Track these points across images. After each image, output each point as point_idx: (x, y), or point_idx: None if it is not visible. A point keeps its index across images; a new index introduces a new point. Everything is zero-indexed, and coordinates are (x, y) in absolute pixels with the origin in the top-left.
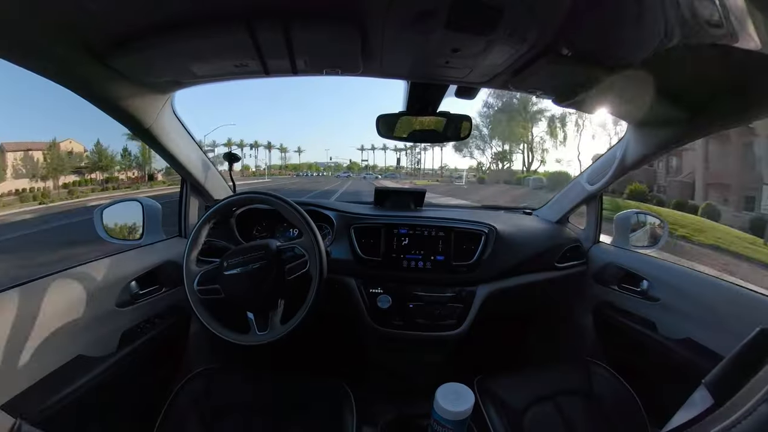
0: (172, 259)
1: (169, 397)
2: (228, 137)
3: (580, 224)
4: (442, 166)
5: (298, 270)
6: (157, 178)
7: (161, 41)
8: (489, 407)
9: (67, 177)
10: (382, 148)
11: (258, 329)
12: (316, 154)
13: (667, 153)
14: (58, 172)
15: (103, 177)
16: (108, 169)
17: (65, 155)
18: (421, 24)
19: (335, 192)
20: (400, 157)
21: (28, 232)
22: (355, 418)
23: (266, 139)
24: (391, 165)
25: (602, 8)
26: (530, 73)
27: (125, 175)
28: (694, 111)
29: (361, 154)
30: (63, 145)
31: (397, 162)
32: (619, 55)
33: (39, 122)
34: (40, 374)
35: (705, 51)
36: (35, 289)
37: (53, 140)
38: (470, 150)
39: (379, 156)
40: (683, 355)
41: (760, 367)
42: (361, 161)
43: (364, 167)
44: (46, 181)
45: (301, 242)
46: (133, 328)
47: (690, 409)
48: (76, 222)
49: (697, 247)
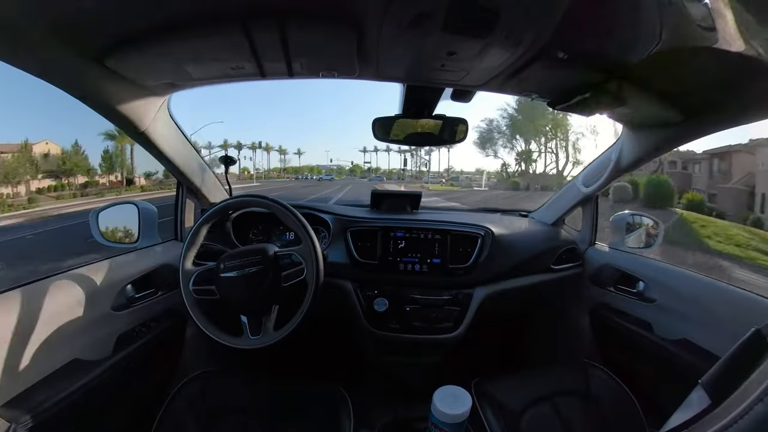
0: (168, 263)
1: (166, 400)
2: (224, 138)
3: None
4: (448, 168)
5: (294, 277)
6: (138, 183)
7: (158, 43)
8: (486, 410)
9: (42, 182)
10: (385, 149)
11: (251, 333)
12: (317, 156)
13: (661, 155)
14: (22, 177)
15: (78, 182)
16: (72, 172)
17: (40, 158)
18: (418, 26)
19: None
20: (407, 159)
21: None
22: (352, 421)
23: (268, 142)
24: (395, 168)
25: (597, 11)
26: (526, 76)
27: (107, 179)
28: (689, 113)
29: (364, 156)
30: (38, 147)
31: (403, 163)
32: (614, 58)
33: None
34: (35, 378)
35: (699, 53)
36: (30, 292)
37: (24, 141)
38: (495, 148)
39: (382, 158)
40: (680, 355)
41: (755, 367)
42: (364, 163)
43: (366, 170)
44: (15, 187)
45: (299, 249)
46: (129, 331)
47: (687, 409)
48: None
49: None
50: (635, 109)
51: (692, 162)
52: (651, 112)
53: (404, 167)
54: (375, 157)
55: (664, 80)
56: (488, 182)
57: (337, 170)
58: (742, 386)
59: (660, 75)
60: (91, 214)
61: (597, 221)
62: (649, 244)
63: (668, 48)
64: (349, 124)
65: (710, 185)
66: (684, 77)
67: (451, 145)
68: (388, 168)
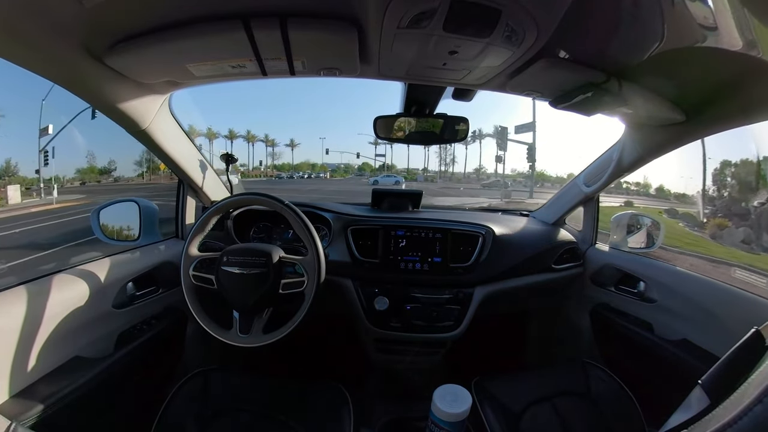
0: (169, 260)
1: (166, 398)
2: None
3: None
4: (479, 168)
5: (293, 287)
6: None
7: (159, 42)
8: (486, 409)
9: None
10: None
11: (240, 330)
12: (315, 151)
13: (663, 155)
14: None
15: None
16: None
17: None
18: (419, 26)
19: None
20: (428, 155)
21: None
22: (352, 419)
23: (249, 130)
24: (414, 168)
25: (599, 11)
26: (527, 75)
27: None
28: (690, 113)
29: (375, 149)
30: None
31: (426, 161)
32: (615, 58)
33: None
34: (36, 376)
35: (701, 53)
36: (31, 290)
37: None
38: None
39: (398, 153)
40: (680, 356)
41: (754, 367)
42: (375, 159)
43: (379, 167)
44: None
45: (304, 260)
46: (130, 329)
47: (687, 409)
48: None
49: None
50: (636, 108)
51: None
52: (652, 112)
53: (425, 166)
54: (390, 151)
55: (665, 80)
56: None
57: (344, 169)
58: (741, 387)
59: (661, 75)
60: (92, 212)
61: (598, 221)
62: (650, 245)
63: (669, 48)
64: (357, 114)
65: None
66: (685, 76)
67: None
68: (408, 166)
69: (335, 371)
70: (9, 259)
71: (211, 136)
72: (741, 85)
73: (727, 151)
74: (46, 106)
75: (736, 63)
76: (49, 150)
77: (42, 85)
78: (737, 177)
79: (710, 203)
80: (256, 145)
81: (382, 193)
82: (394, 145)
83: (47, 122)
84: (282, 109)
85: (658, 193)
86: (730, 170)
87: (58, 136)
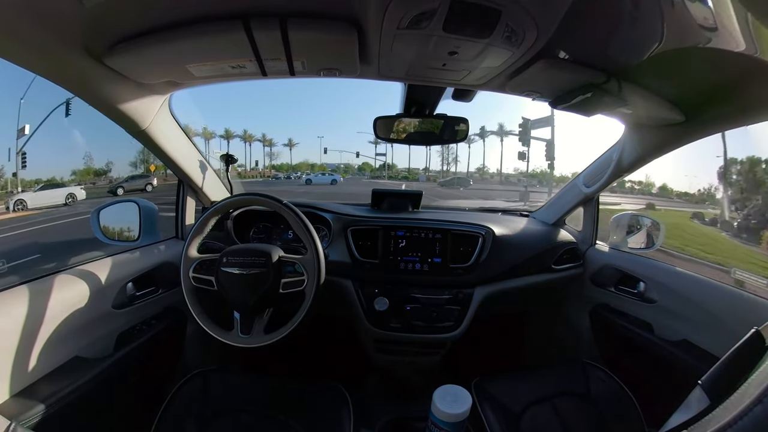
0: (168, 261)
1: (166, 398)
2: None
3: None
4: (481, 167)
5: (293, 287)
6: None
7: (159, 42)
8: (486, 409)
9: None
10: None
11: (241, 331)
12: (313, 151)
13: (663, 155)
14: None
15: None
16: None
17: None
18: (419, 26)
19: None
20: (430, 154)
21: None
22: (352, 420)
23: (246, 129)
24: (415, 168)
25: (599, 11)
26: (527, 75)
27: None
28: (690, 113)
29: (375, 148)
30: None
31: (427, 161)
32: (615, 58)
33: None
34: (36, 376)
35: (700, 54)
36: (31, 290)
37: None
38: None
39: (398, 152)
40: (680, 356)
41: (754, 368)
42: (375, 159)
43: (379, 167)
44: None
45: (303, 259)
46: (130, 329)
47: (686, 410)
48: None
49: None
50: (636, 109)
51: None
52: (652, 112)
53: (427, 166)
54: (390, 150)
55: (664, 80)
56: None
57: (344, 169)
58: (741, 387)
59: (661, 75)
60: (92, 212)
61: (598, 221)
62: (650, 245)
63: (669, 48)
64: (356, 114)
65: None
66: (685, 77)
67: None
68: (408, 165)
69: (335, 371)
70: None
71: (208, 135)
72: (741, 85)
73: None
74: (25, 105)
75: (735, 63)
76: (27, 152)
77: (20, 82)
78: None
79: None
80: (253, 145)
81: (382, 193)
82: (395, 145)
83: (25, 122)
84: (281, 109)
85: (661, 192)
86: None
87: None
